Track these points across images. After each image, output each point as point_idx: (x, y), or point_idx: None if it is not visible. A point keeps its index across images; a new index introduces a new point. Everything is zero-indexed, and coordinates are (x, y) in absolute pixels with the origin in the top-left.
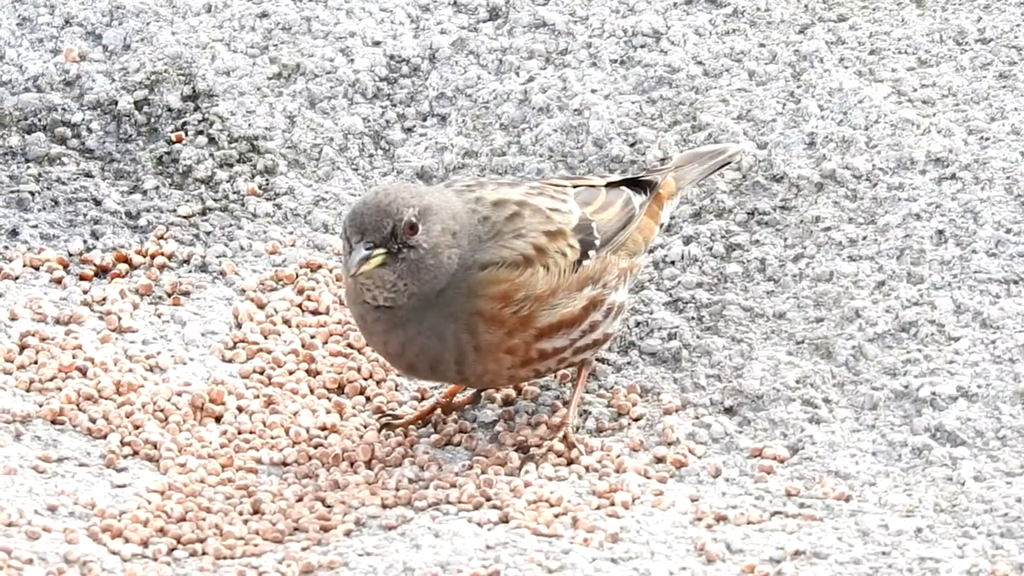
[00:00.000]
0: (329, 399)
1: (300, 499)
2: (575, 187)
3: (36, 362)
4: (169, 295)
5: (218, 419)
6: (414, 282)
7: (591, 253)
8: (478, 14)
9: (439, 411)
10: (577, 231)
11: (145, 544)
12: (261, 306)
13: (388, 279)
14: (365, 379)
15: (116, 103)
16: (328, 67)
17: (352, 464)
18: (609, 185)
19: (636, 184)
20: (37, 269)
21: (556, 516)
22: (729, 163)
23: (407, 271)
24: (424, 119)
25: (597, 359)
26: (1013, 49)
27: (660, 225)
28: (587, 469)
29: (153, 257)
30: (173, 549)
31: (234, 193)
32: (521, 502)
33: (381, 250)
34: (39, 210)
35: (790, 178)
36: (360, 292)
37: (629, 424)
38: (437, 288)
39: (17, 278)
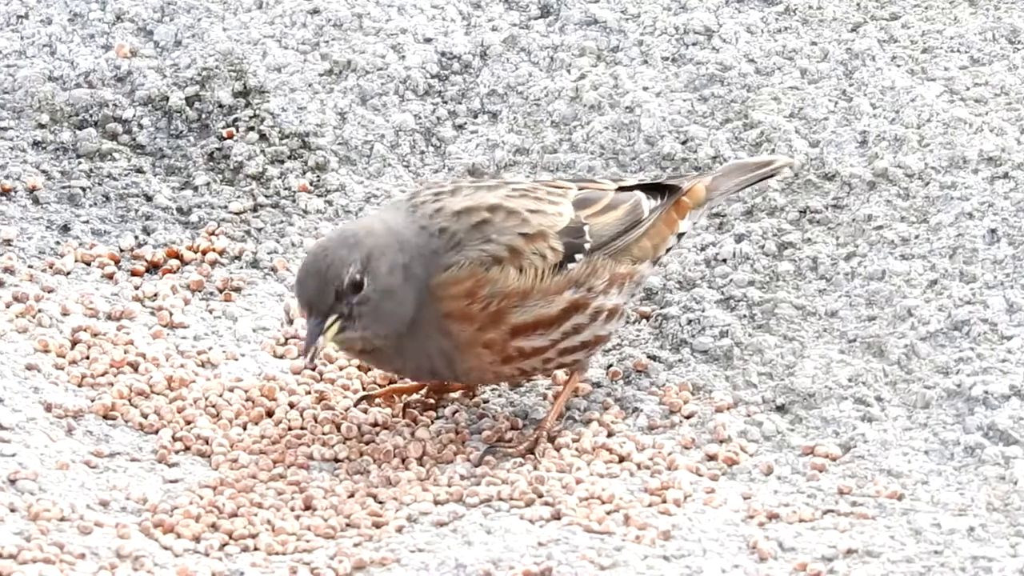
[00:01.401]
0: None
1: (352, 495)
2: (581, 189)
3: (88, 357)
4: (220, 291)
5: (270, 415)
6: (380, 327)
7: (577, 256)
8: (529, 11)
9: (425, 391)
10: (564, 233)
11: (197, 539)
12: None
13: (353, 336)
14: None
15: (167, 99)
16: (379, 64)
17: (404, 460)
18: (622, 188)
19: (658, 189)
20: (89, 265)
21: (608, 513)
22: (774, 175)
23: (368, 323)
24: (475, 116)
25: (649, 356)
26: None
27: (679, 234)
28: (639, 466)
29: (204, 253)
30: (225, 544)
31: (285, 189)
32: (573, 499)
33: (332, 318)
34: (90, 206)
35: (842, 176)
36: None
37: (681, 422)
38: (407, 318)
39: (69, 273)
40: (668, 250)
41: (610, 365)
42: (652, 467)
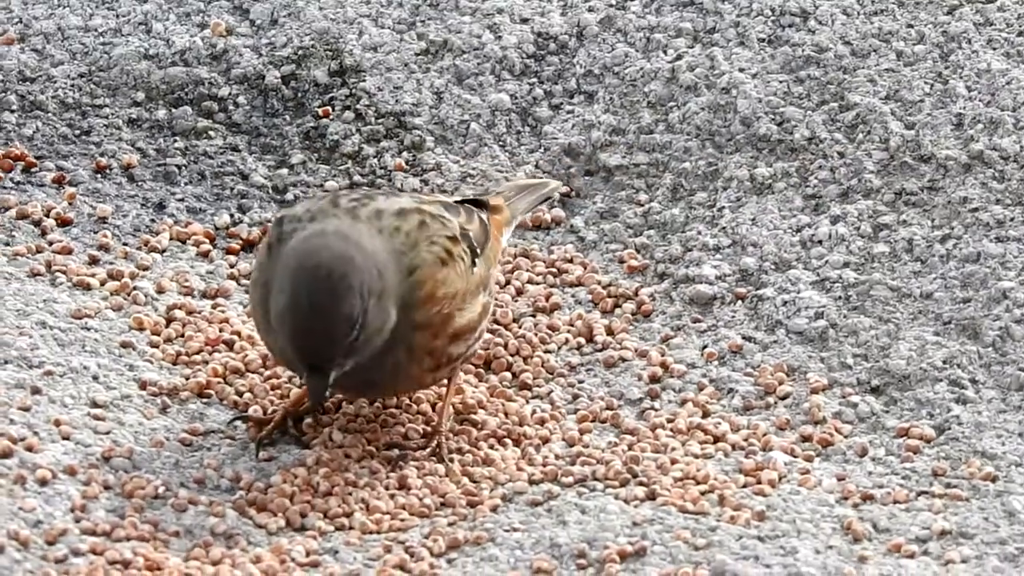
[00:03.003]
0: (476, 375)
1: (447, 474)
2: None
3: (183, 335)
4: None
5: None
6: (367, 352)
7: (477, 260)
8: None
9: (288, 419)
10: (463, 238)
11: (291, 518)
12: None
13: (347, 370)
14: (512, 355)
15: (263, 78)
16: (475, 44)
17: (499, 440)
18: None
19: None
20: (184, 243)
21: (703, 494)
22: (549, 198)
23: (360, 356)
24: (571, 96)
25: (744, 337)
26: None
27: (503, 249)
28: (734, 447)
29: None
30: (319, 523)
31: (381, 168)
32: (668, 479)
33: (335, 372)
34: (186, 184)
35: (938, 159)
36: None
37: (776, 402)
38: (387, 337)
39: (164, 251)
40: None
41: (705, 346)
42: (747, 448)
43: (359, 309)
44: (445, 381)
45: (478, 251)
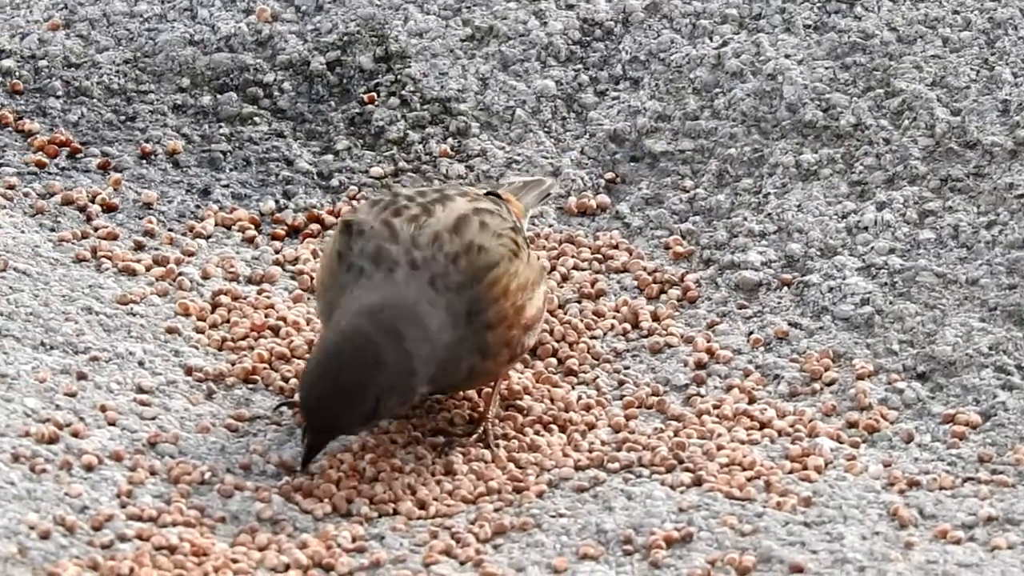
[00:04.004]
0: (522, 361)
1: (493, 460)
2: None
3: (228, 321)
4: None
5: None
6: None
7: (529, 250)
8: None
9: None
10: (517, 230)
11: (337, 504)
12: None
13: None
14: (557, 341)
15: (308, 64)
16: (521, 30)
17: (545, 426)
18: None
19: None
20: (229, 228)
21: (749, 480)
22: (549, 195)
23: (376, 424)
24: (617, 82)
25: (790, 323)
26: None
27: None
28: (780, 433)
29: None
30: (365, 508)
31: (426, 155)
32: (714, 465)
33: (331, 440)
34: (231, 169)
35: (983, 145)
36: None
37: (822, 389)
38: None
39: (209, 237)
40: None
41: (751, 332)
42: (793, 434)
43: (379, 387)
44: None
45: (527, 242)
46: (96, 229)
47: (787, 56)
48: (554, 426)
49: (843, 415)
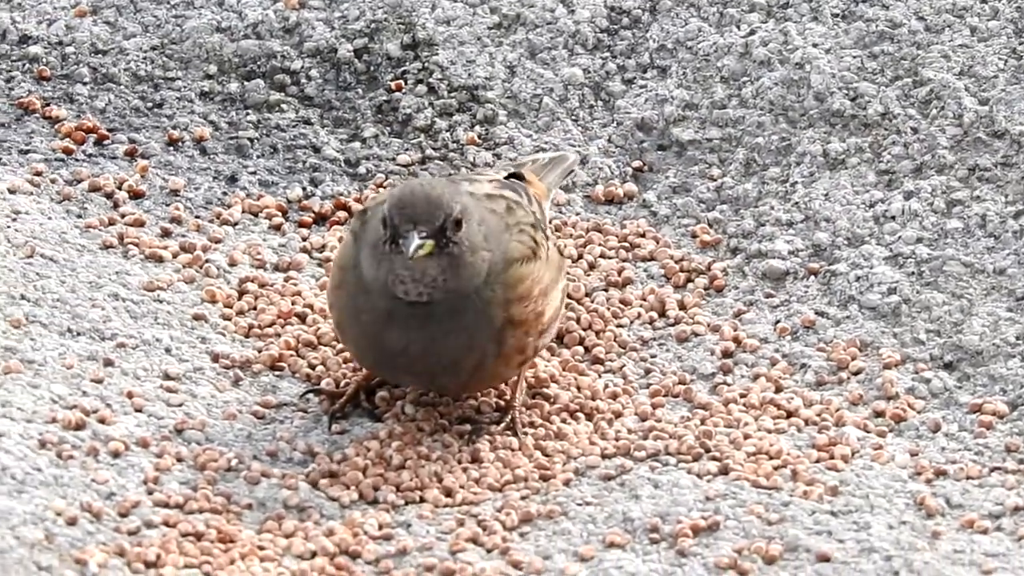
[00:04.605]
0: (549, 349)
1: (519, 448)
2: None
3: (255, 308)
4: None
5: None
6: (453, 278)
7: (548, 244)
8: None
9: (361, 393)
10: (538, 222)
11: (364, 491)
12: None
13: (430, 273)
14: (584, 329)
15: (336, 51)
16: (548, 18)
17: (572, 414)
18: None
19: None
20: (256, 215)
21: (776, 468)
22: (572, 171)
23: (449, 266)
24: (644, 71)
25: (816, 312)
26: None
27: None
28: (807, 422)
29: None
30: (392, 496)
31: (453, 142)
32: (741, 454)
33: (431, 241)
34: (258, 157)
35: (1011, 134)
36: (392, 285)
37: (848, 378)
38: (472, 288)
39: (236, 224)
40: None
41: (778, 321)
42: (820, 423)
43: (461, 204)
44: None
45: (547, 234)
46: (123, 216)
47: (815, 45)
48: (581, 414)
49: (870, 404)
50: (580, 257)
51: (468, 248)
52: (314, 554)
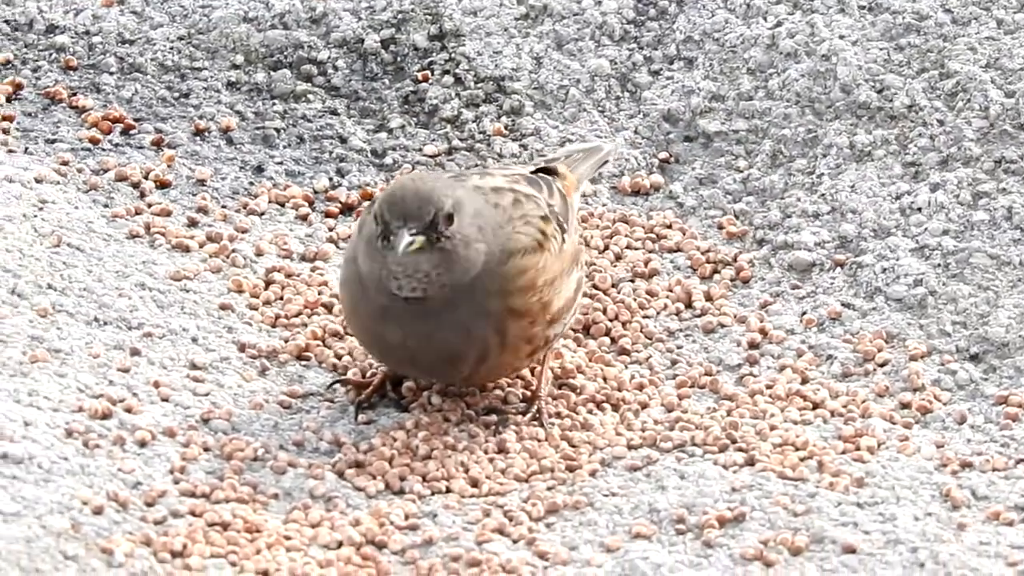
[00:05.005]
0: (575, 340)
1: (546, 439)
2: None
3: (282, 298)
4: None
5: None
6: (447, 272)
7: (564, 236)
8: None
9: (387, 383)
10: (552, 217)
11: (390, 481)
12: None
13: (423, 268)
14: (610, 320)
15: (362, 41)
16: (575, 9)
17: (598, 405)
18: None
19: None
20: (283, 205)
21: (802, 460)
22: (607, 162)
23: (442, 260)
24: (671, 62)
25: (843, 304)
26: None
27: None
28: (833, 413)
29: None
30: (418, 486)
31: (480, 133)
32: (767, 445)
33: (421, 237)
34: (284, 147)
35: None
36: (386, 281)
37: (875, 369)
38: (467, 280)
39: (263, 214)
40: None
41: (804, 312)
42: (846, 414)
43: (454, 198)
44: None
45: (564, 226)
46: (150, 205)
47: (841, 37)
48: (607, 405)
49: (896, 396)
50: (606, 248)
51: (461, 241)
52: (340, 544)
